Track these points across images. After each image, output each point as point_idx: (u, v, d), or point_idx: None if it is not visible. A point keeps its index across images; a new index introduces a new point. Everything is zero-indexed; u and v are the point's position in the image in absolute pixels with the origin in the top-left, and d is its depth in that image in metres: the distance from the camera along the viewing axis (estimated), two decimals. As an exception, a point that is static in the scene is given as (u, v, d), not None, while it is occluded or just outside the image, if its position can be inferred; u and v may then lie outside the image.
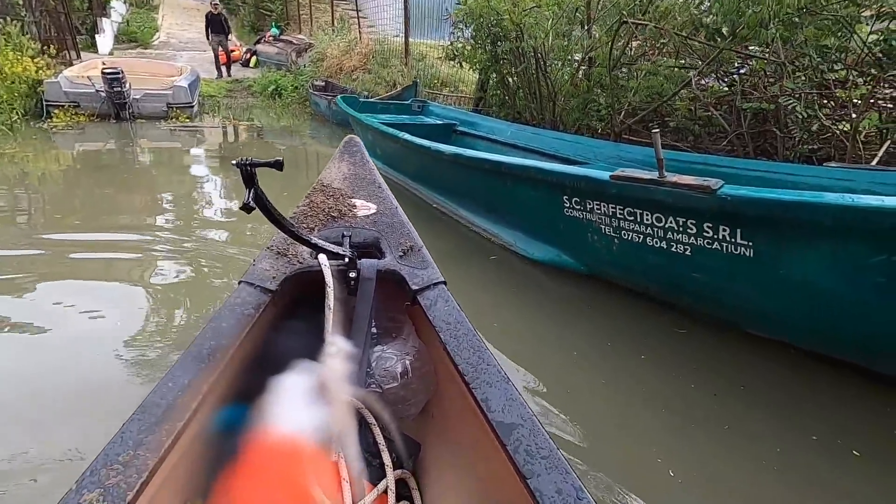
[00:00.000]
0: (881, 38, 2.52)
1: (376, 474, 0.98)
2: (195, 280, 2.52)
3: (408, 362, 1.11)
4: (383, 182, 1.59)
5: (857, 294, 1.53)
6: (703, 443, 1.59)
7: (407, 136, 3.64)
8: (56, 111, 6.44)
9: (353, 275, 1.16)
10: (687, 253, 1.89)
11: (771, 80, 2.81)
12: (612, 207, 2.10)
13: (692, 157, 2.91)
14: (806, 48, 2.59)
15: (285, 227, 1.03)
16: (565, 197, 2.29)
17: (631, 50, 3.89)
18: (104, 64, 9.32)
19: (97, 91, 6.51)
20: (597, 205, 2.16)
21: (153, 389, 0.84)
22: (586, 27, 4.00)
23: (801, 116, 2.47)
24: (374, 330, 1.16)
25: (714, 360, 1.97)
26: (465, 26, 5.26)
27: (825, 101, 2.65)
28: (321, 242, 1.13)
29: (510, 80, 4.97)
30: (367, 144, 2.09)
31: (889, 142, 2.34)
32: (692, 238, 1.85)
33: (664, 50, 3.78)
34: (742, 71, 3.22)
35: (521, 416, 0.85)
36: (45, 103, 6.47)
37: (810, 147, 2.62)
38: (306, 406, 0.93)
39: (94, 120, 6.71)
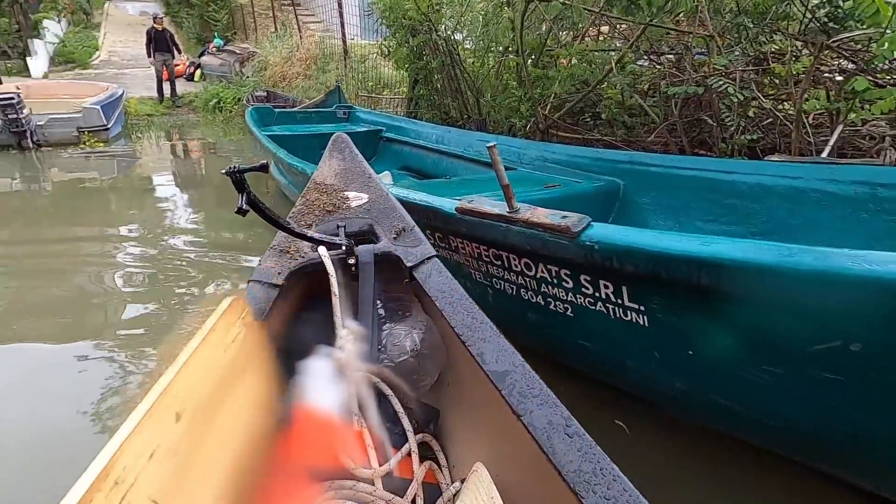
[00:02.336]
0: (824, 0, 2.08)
1: (400, 441, 1.04)
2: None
3: (416, 336, 1.16)
4: (373, 173, 1.62)
5: (793, 388, 1.05)
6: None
7: (282, 154, 3.13)
8: (-57, 145, 5.77)
9: (352, 262, 1.23)
10: (568, 313, 1.41)
11: (701, 57, 2.35)
12: (476, 247, 1.60)
13: (617, 156, 2.44)
14: (739, 17, 2.13)
15: (281, 226, 1.13)
16: (427, 231, 1.79)
17: (557, 35, 3.42)
18: (23, 87, 8.63)
19: (-7, 120, 5.86)
20: (460, 243, 1.66)
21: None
22: (507, 13, 3.52)
23: (735, 100, 2.00)
24: (381, 311, 1.21)
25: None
26: (385, 23, 4.78)
27: (764, 81, 2.19)
28: (318, 235, 1.22)
29: (435, 77, 4.48)
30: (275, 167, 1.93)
31: (841, 125, 1.89)
32: (569, 294, 1.37)
33: (595, 34, 3.33)
34: (675, 51, 2.76)
35: (512, 363, 0.93)
36: (-70, 137, 5.79)
37: (750, 137, 2.16)
38: (327, 386, 0.99)
39: (-7, 151, 6.04)
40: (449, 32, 3.32)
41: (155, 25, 10.04)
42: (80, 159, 6.14)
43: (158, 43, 9.94)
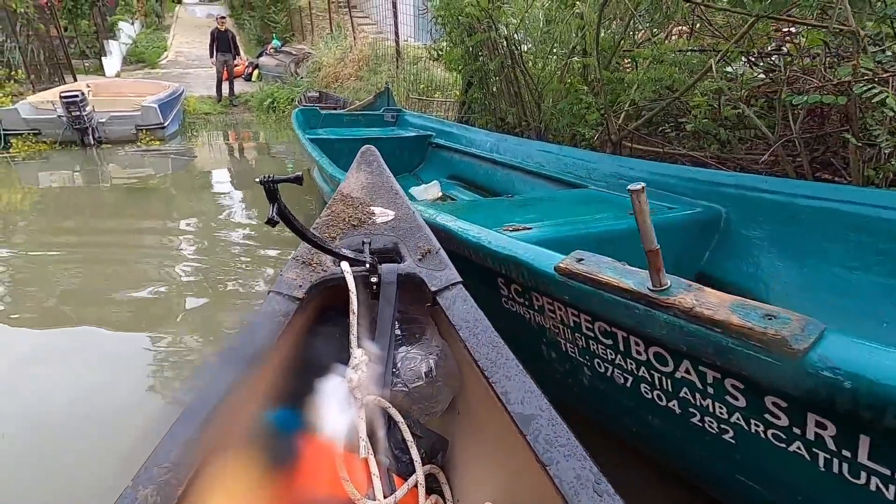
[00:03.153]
0: None
1: (406, 470, 1.00)
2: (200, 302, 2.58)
3: (432, 361, 1.13)
4: (400, 189, 1.58)
5: None
6: None
7: (323, 161, 2.88)
8: (14, 140, 6.01)
9: (374, 280, 1.19)
10: (727, 437, 0.97)
11: (835, 59, 1.87)
12: (574, 315, 1.20)
13: (717, 177, 1.99)
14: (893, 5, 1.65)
15: (308, 238, 1.10)
16: (500, 279, 1.44)
17: (635, 33, 2.99)
18: (92, 85, 9.03)
19: (59, 116, 6.05)
20: (547, 303, 1.28)
21: (195, 392, 0.87)
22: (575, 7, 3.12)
23: (892, 112, 1.53)
24: (397, 332, 1.19)
25: None
26: (440, 22, 4.49)
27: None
28: (343, 250, 1.20)
29: (492, 80, 4.13)
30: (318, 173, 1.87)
31: None
32: (739, 416, 0.93)
33: (679, 32, 2.87)
34: (785, 50, 2.28)
35: (538, 406, 0.89)
36: (3, 132, 6.04)
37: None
38: (336, 409, 0.98)
39: (58, 147, 6.24)
40: (510, 31, 2.96)
41: (218, 26, 10.27)
42: (137, 156, 6.25)
43: (220, 43, 10.15)
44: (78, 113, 5.98)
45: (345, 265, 1.16)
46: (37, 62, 9.13)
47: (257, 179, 0.92)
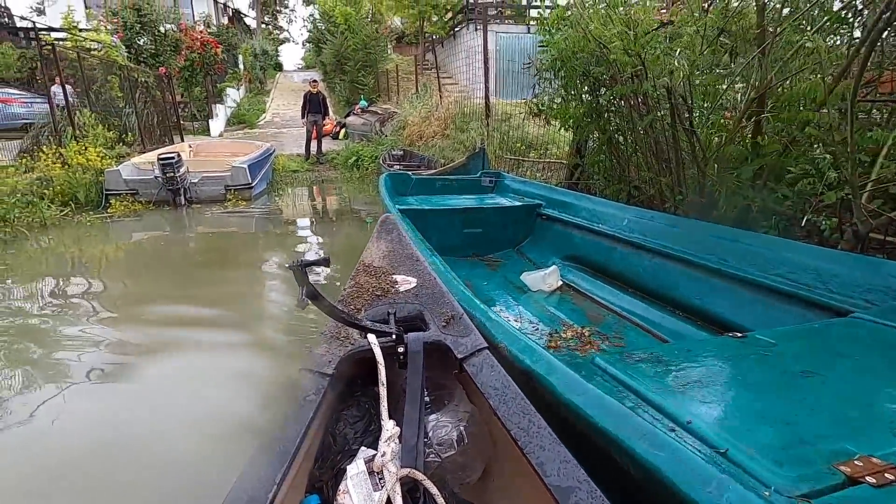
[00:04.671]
0: None
1: None
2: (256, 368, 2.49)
3: (462, 429, 1.11)
4: (420, 255, 1.61)
5: None
6: None
7: (415, 240, 2.25)
8: (113, 200, 6.14)
9: (401, 350, 1.20)
10: None
11: None
12: None
13: None
14: None
15: (337, 315, 1.10)
16: None
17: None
18: (194, 146, 9.52)
19: (156, 177, 6.13)
20: None
21: (237, 481, 0.88)
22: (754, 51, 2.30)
23: None
24: (426, 399, 1.17)
25: None
26: (552, 73, 3.89)
27: None
28: (369, 323, 1.19)
29: (620, 138, 3.37)
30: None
31: None
32: None
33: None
34: None
35: (576, 478, 0.86)
36: (104, 192, 6.21)
37: None
38: (369, 487, 0.96)
39: (152, 207, 6.31)
40: (675, 81, 2.18)
41: (310, 89, 10.66)
42: (223, 217, 6.14)
43: (311, 105, 10.49)
44: (172, 174, 6.01)
45: (372, 337, 1.16)
46: (150, 125, 9.81)
47: (288, 265, 0.97)
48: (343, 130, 13.38)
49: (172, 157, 6.02)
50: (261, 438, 0.98)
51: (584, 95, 3.67)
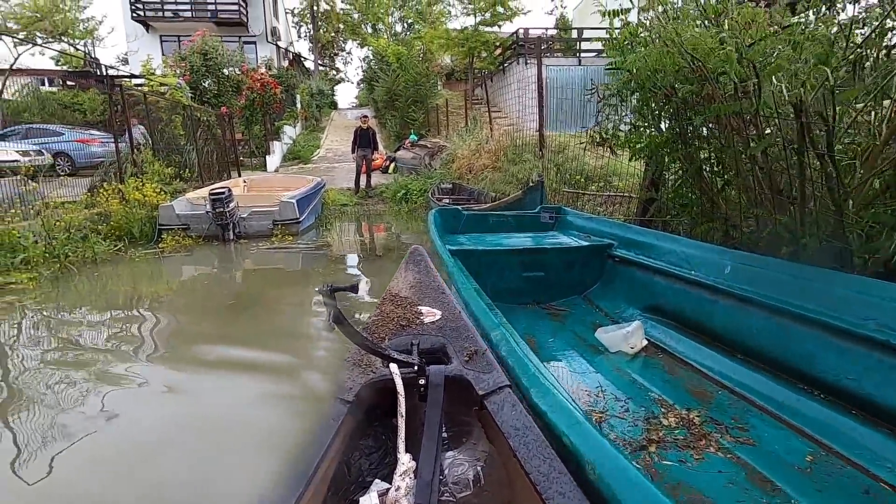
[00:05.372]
0: None
1: None
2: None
3: (479, 468, 1.09)
4: (447, 288, 1.60)
5: None
6: None
7: (466, 292, 1.90)
8: (165, 234, 6.18)
9: (422, 382, 1.18)
10: None
11: None
12: None
13: None
14: None
15: (361, 342, 1.09)
16: None
17: None
18: (249, 181, 9.72)
19: (207, 212, 6.14)
20: None
21: None
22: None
23: None
24: (444, 434, 1.16)
25: None
26: (621, 98, 3.49)
27: None
28: (392, 353, 1.17)
29: (710, 168, 2.84)
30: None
31: None
32: None
33: None
34: None
35: None
36: (158, 227, 6.28)
37: None
38: None
39: (201, 242, 6.30)
40: (807, 93, 1.69)
41: (361, 125, 10.77)
42: (268, 253, 6.00)
43: (361, 140, 10.57)
44: (221, 209, 5.99)
45: (393, 367, 1.16)
46: (209, 161, 10.17)
47: (317, 289, 0.98)
48: (393, 164, 13.43)
49: (222, 193, 6.01)
50: (280, 459, 0.97)
51: (664, 120, 3.21)
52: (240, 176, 11.11)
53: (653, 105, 3.17)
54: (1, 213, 4.88)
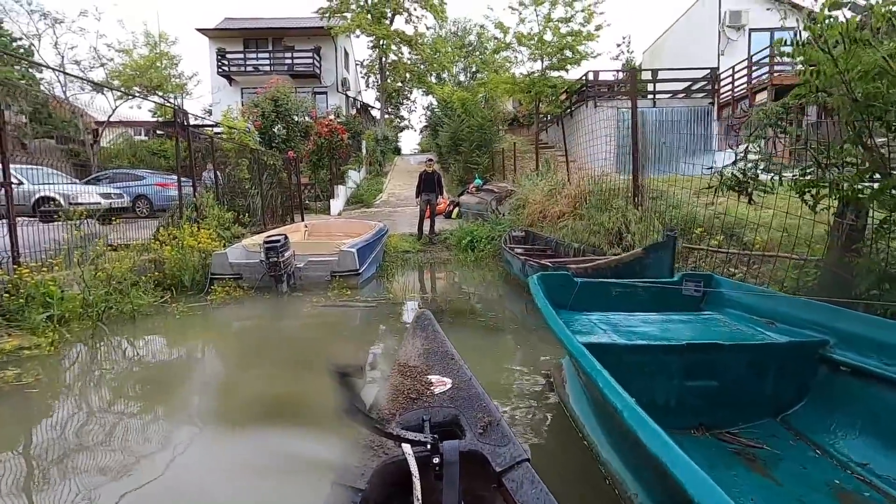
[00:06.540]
0: None
1: None
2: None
3: None
4: (456, 353, 1.57)
5: None
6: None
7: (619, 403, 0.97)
8: (216, 285, 5.66)
9: (436, 460, 1.13)
10: None
11: None
12: None
13: None
14: None
15: (372, 428, 1.07)
16: None
17: None
18: (310, 225, 9.33)
19: (261, 261, 5.58)
20: None
21: None
22: None
23: None
24: None
25: None
26: (782, 128, 2.52)
27: None
28: (403, 433, 1.14)
29: None
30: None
31: None
32: None
33: None
34: None
35: None
36: (210, 276, 5.79)
37: None
38: None
39: (252, 293, 5.72)
40: None
41: (426, 168, 10.26)
42: (323, 312, 5.25)
43: (426, 184, 10.03)
44: (276, 259, 5.40)
45: (406, 447, 1.12)
46: (273, 205, 9.94)
47: (329, 368, 0.96)
48: (456, 209, 12.80)
49: (278, 241, 5.45)
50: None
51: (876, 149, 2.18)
52: (303, 220, 10.85)
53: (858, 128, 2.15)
54: (48, 260, 4.50)
